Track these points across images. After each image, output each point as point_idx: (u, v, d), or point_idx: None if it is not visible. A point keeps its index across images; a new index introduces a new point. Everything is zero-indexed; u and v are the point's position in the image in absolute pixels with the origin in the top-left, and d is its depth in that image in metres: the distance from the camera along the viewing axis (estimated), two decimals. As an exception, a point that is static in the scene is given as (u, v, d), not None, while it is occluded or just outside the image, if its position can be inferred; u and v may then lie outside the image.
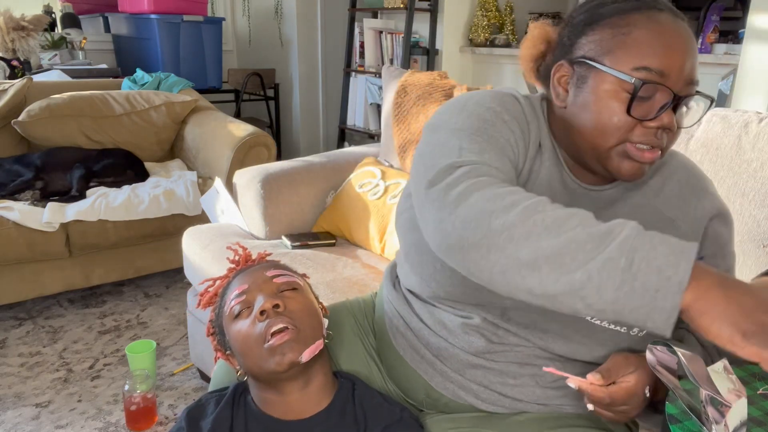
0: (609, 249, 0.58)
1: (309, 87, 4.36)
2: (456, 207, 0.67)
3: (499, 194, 0.66)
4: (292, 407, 0.84)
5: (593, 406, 0.73)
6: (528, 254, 0.61)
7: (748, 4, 2.15)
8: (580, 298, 0.59)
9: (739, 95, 2.18)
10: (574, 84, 0.77)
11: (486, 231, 0.64)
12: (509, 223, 0.63)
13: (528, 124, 0.81)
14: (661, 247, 0.57)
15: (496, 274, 0.64)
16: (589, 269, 0.58)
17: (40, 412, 1.75)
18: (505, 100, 0.81)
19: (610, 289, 0.57)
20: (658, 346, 0.69)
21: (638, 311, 0.57)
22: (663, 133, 0.73)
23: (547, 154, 0.82)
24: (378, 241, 1.70)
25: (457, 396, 0.86)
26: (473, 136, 0.75)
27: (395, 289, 0.96)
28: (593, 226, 0.61)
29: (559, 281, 0.60)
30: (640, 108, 0.72)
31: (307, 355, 0.81)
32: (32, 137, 2.56)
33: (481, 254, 0.64)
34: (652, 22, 0.72)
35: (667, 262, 0.56)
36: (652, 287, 0.56)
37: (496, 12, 3.29)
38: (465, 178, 0.69)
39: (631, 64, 0.71)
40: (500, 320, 0.82)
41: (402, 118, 1.91)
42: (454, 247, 0.67)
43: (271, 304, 0.82)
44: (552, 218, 0.62)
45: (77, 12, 3.80)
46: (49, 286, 2.26)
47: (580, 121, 0.76)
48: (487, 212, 0.64)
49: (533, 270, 0.61)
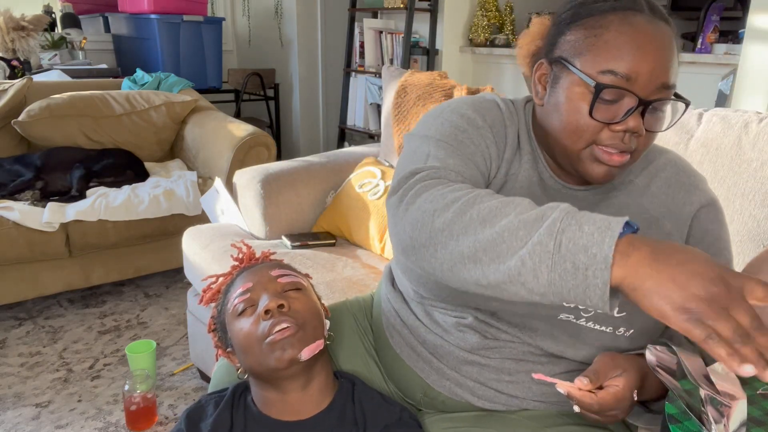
0: (539, 233, 0.59)
1: (309, 87, 4.36)
2: (406, 211, 0.70)
3: (442, 193, 0.68)
4: (292, 407, 0.84)
5: (580, 409, 0.73)
6: (468, 248, 0.63)
7: (748, 4, 2.15)
8: (521, 284, 0.60)
9: (739, 95, 2.18)
10: (550, 83, 0.78)
11: (430, 230, 0.67)
12: (448, 220, 0.65)
13: (506, 128, 0.83)
14: (588, 225, 0.58)
15: (446, 271, 0.66)
16: (522, 255, 0.59)
17: (40, 412, 1.75)
18: (483, 106, 0.83)
19: (544, 272, 0.58)
20: (657, 347, 0.69)
21: (575, 291, 0.58)
22: (631, 136, 0.73)
23: (526, 157, 0.83)
24: (378, 241, 1.70)
25: (454, 393, 0.87)
26: (441, 142, 0.78)
27: (393, 287, 0.96)
28: (526, 212, 0.62)
29: (499, 270, 0.61)
30: (606, 111, 0.72)
31: (306, 353, 0.81)
32: (32, 137, 2.56)
33: (430, 253, 0.67)
34: (624, 25, 0.71)
35: (592, 240, 0.57)
36: (582, 266, 0.57)
37: (496, 12, 3.29)
38: (418, 182, 0.72)
39: (599, 67, 0.71)
40: (491, 319, 0.83)
41: (402, 118, 1.91)
42: (407, 249, 0.70)
43: (276, 303, 0.82)
44: (487, 210, 0.64)
45: (77, 12, 3.80)
46: (49, 286, 2.26)
47: (552, 121, 0.78)
48: (430, 212, 0.67)
49: (475, 263, 0.63)
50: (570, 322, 0.80)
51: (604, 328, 0.79)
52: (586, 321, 0.79)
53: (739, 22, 2.71)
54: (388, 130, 1.96)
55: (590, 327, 0.79)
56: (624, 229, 0.58)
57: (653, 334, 0.82)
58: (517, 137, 0.84)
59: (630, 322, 0.79)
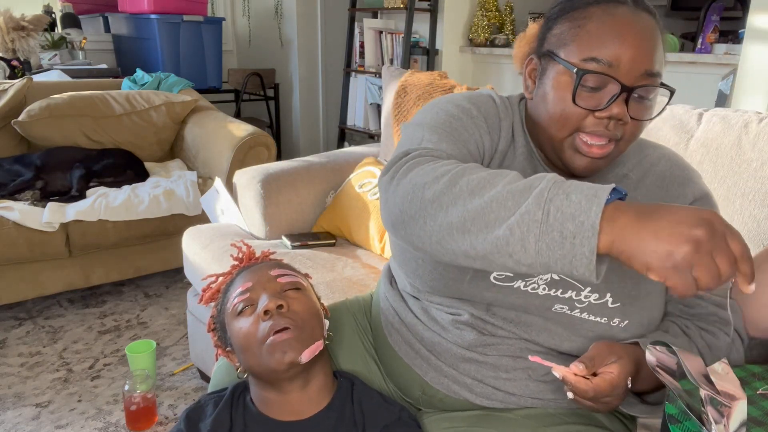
0: (527, 203, 0.60)
1: (309, 87, 4.36)
2: (397, 185, 0.71)
3: (433, 168, 0.69)
4: (291, 407, 0.84)
5: (573, 395, 0.73)
6: (457, 218, 0.64)
7: (748, 4, 2.15)
8: (508, 254, 0.60)
9: (739, 95, 2.19)
10: (539, 76, 0.80)
11: (420, 202, 0.67)
12: (438, 191, 0.66)
13: (500, 120, 0.84)
14: (575, 194, 0.58)
15: (435, 243, 0.66)
16: (510, 224, 0.60)
17: (40, 412, 1.75)
18: (479, 99, 0.85)
19: (532, 241, 0.59)
20: (657, 346, 0.69)
21: (563, 261, 0.58)
22: (616, 124, 0.74)
23: (520, 150, 0.84)
24: (378, 241, 1.70)
25: (452, 391, 0.87)
26: (435, 128, 0.79)
27: (392, 286, 0.97)
28: (515, 182, 0.63)
29: (487, 240, 0.61)
30: (590, 98, 0.73)
31: (306, 355, 0.81)
32: (32, 137, 2.56)
33: (419, 225, 0.67)
34: (606, 15, 0.73)
35: (579, 208, 0.57)
36: (570, 234, 0.57)
37: (496, 12, 3.29)
38: (410, 160, 0.73)
39: (582, 56, 0.73)
40: (486, 315, 0.83)
41: (402, 118, 1.91)
42: (397, 223, 0.71)
43: (275, 304, 0.82)
44: (476, 181, 0.65)
45: (77, 12, 3.80)
46: (49, 286, 2.26)
47: (540, 112, 0.79)
48: (420, 185, 0.68)
49: (464, 233, 0.63)
50: (564, 313, 0.80)
51: (599, 319, 0.80)
52: (580, 312, 0.80)
53: (739, 22, 2.70)
54: (388, 130, 1.96)
55: (585, 318, 0.80)
56: (612, 195, 0.58)
57: (649, 326, 0.83)
58: (512, 131, 0.85)
59: (625, 313, 0.80)
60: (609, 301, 0.79)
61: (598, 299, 0.79)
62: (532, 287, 0.80)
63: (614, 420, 0.88)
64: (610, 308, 0.79)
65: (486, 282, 0.81)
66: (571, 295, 0.79)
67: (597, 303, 0.79)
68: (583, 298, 0.79)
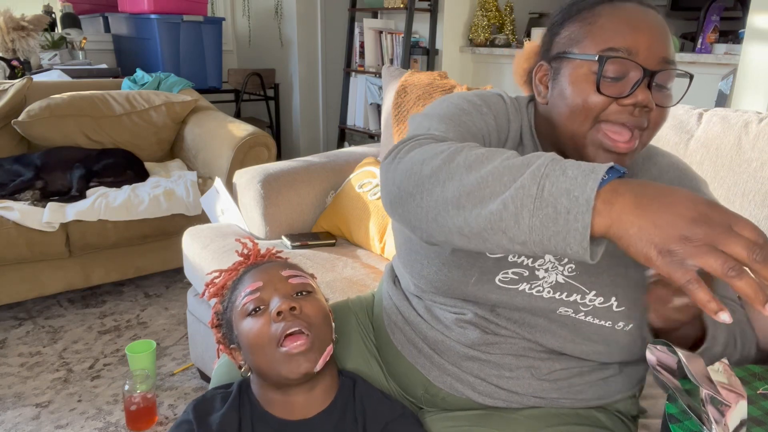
0: (522, 177, 0.58)
1: (309, 87, 4.36)
2: (398, 164, 0.71)
3: (432, 147, 0.69)
4: (296, 407, 0.84)
5: None
6: (453, 193, 0.63)
7: (748, 4, 2.15)
8: (502, 231, 0.59)
9: (739, 95, 2.19)
10: (551, 79, 0.80)
11: (418, 177, 0.67)
12: (436, 167, 0.66)
13: (509, 122, 0.84)
14: (572, 170, 0.57)
15: (431, 221, 0.66)
16: (504, 198, 0.59)
17: (40, 412, 1.75)
18: (490, 97, 0.85)
19: (526, 217, 0.57)
20: (658, 346, 0.69)
21: (556, 238, 0.56)
22: (641, 111, 0.73)
23: (528, 150, 0.84)
24: (378, 241, 1.70)
25: (455, 389, 0.87)
26: (444, 118, 0.79)
27: (395, 284, 0.97)
28: (512, 159, 0.62)
29: (481, 215, 0.60)
30: (613, 87, 0.73)
31: (320, 364, 0.82)
32: (32, 137, 2.56)
33: (417, 202, 0.67)
34: (616, 9, 0.75)
35: (575, 183, 0.56)
36: (564, 209, 0.55)
37: (496, 12, 3.29)
38: (412, 142, 0.73)
39: (598, 48, 0.74)
40: (491, 315, 0.83)
41: (402, 118, 1.91)
42: (395, 201, 0.70)
43: (288, 306, 0.82)
44: (474, 156, 0.64)
45: (77, 12, 3.80)
46: (49, 286, 2.26)
47: (559, 110, 0.78)
48: (419, 162, 0.68)
49: (458, 208, 0.62)
50: (569, 316, 0.80)
51: (603, 322, 0.79)
52: (585, 315, 0.79)
53: (739, 22, 2.70)
54: (388, 130, 1.96)
55: (589, 321, 0.80)
56: (610, 174, 0.57)
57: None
58: (520, 133, 0.85)
59: (629, 316, 0.79)
60: (614, 304, 0.79)
61: (603, 303, 0.79)
62: (537, 290, 0.80)
63: (615, 420, 0.88)
64: (615, 311, 0.79)
65: (491, 284, 0.80)
66: (576, 299, 0.79)
67: (602, 306, 0.79)
68: (588, 301, 0.79)
